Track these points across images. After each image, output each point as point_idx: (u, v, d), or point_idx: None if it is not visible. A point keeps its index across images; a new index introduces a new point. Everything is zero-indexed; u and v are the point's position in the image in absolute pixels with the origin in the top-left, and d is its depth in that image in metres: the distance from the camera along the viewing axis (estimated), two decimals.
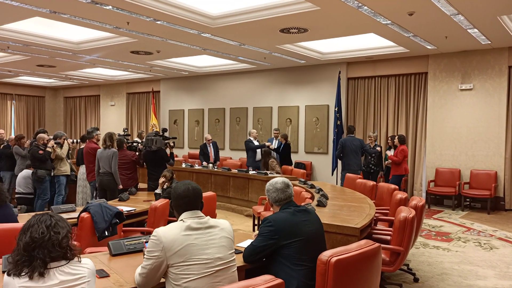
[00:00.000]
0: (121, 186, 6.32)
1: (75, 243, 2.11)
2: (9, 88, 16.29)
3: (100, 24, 7.24)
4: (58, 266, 1.91)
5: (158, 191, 5.65)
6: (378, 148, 9.01)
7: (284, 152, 9.78)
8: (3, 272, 2.38)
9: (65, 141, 7.70)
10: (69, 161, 7.85)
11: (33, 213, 4.55)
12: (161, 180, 5.72)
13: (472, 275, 4.85)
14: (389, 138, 9.39)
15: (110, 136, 6.47)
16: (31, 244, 1.88)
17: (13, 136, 9.10)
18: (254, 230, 6.81)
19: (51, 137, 7.54)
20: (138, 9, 6.38)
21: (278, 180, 3.03)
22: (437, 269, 5.02)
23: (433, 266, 5.13)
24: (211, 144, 10.44)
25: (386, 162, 9.15)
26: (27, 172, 7.41)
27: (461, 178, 9.11)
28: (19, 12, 6.71)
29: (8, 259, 1.95)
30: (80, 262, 2.00)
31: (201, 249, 2.28)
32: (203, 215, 2.47)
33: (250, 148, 9.66)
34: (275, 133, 10.05)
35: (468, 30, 7.31)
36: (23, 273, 1.85)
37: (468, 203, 9.10)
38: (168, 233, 2.28)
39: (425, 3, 5.89)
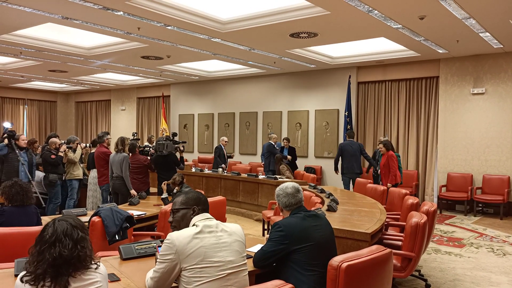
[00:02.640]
0: (133, 191, 6.34)
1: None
2: (22, 93, 16.51)
3: (111, 29, 7.31)
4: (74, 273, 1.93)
5: (164, 195, 5.67)
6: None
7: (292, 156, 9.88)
8: (16, 275, 2.41)
9: (78, 145, 7.76)
10: (82, 165, 7.91)
11: (46, 217, 4.61)
12: (165, 184, 5.73)
13: (485, 281, 4.79)
14: (379, 143, 8.62)
15: (122, 140, 6.51)
16: (59, 260, 1.87)
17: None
18: (264, 235, 6.79)
19: (63, 141, 7.61)
20: (149, 15, 6.43)
21: (288, 185, 3.02)
22: (449, 275, 4.96)
23: (445, 272, 5.07)
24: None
25: (379, 169, 8.51)
26: (38, 176, 7.47)
27: (473, 183, 9.01)
28: (32, 18, 6.80)
29: (27, 268, 1.91)
30: (96, 268, 2.00)
31: (214, 251, 2.29)
32: (213, 217, 2.49)
33: (273, 153, 9.67)
34: (271, 138, 10.04)
35: (480, 34, 7.25)
36: (47, 286, 1.84)
37: (481, 208, 9.00)
38: (181, 236, 2.29)
39: (436, 7, 5.85)
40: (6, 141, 6.93)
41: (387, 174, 7.95)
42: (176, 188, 5.67)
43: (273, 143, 9.87)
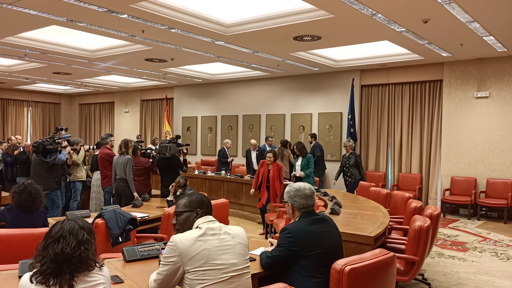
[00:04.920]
0: (135, 194, 6.36)
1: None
2: (26, 95, 16.57)
3: (115, 32, 7.33)
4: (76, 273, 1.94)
5: (170, 198, 5.67)
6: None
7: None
8: (19, 277, 2.42)
9: (82, 147, 7.78)
10: (85, 167, 7.93)
11: (50, 219, 4.62)
12: (173, 186, 5.75)
13: (488, 285, 4.77)
14: (294, 146, 8.09)
15: (125, 143, 6.53)
16: (60, 257, 1.89)
17: (29, 142, 9.21)
18: (266, 238, 6.79)
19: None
20: (153, 18, 6.46)
21: (305, 186, 2.94)
22: (452, 279, 4.94)
23: (448, 276, 5.05)
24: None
25: (294, 174, 7.95)
26: None
27: (477, 187, 8.98)
28: (37, 21, 6.84)
29: (32, 264, 1.95)
30: (99, 269, 2.01)
31: (217, 254, 2.29)
32: (216, 220, 2.50)
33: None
34: (270, 141, 9.99)
35: (484, 38, 7.24)
36: (51, 284, 1.86)
37: (484, 212, 8.97)
38: (184, 238, 2.29)
39: (440, 10, 5.85)
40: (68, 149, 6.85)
41: (279, 186, 7.04)
42: (180, 190, 5.68)
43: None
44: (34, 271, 1.90)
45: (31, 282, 1.87)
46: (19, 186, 3.98)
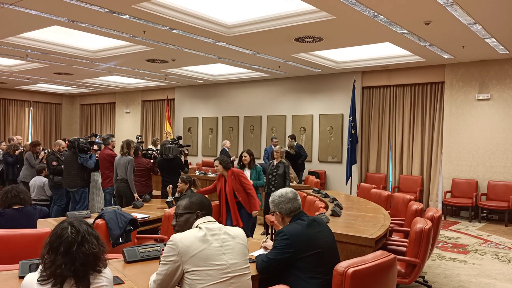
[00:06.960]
0: (136, 195, 6.35)
1: None
2: (27, 95, 16.59)
3: (117, 33, 7.33)
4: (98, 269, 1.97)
5: (169, 199, 5.67)
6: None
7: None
8: (20, 277, 2.41)
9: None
10: None
11: (51, 219, 4.61)
12: (170, 187, 5.74)
13: None
14: (244, 154, 6.83)
15: (127, 143, 6.53)
16: (90, 257, 1.92)
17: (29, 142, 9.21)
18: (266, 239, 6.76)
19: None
20: (155, 18, 6.46)
21: (286, 190, 2.96)
22: (453, 282, 4.93)
23: (449, 279, 5.04)
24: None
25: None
26: (40, 180, 7.43)
27: (478, 189, 8.96)
28: (38, 21, 6.84)
29: (41, 269, 1.92)
30: (103, 271, 2.01)
31: (217, 254, 2.29)
32: (215, 220, 2.50)
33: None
34: (275, 142, 9.96)
35: (486, 40, 7.23)
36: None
37: (485, 214, 8.94)
38: (184, 238, 2.29)
39: (441, 12, 5.84)
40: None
41: (246, 199, 5.54)
42: (186, 186, 5.65)
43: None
44: (47, 279, 1.88)
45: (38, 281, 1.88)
46: (4, 189, 4.16)
